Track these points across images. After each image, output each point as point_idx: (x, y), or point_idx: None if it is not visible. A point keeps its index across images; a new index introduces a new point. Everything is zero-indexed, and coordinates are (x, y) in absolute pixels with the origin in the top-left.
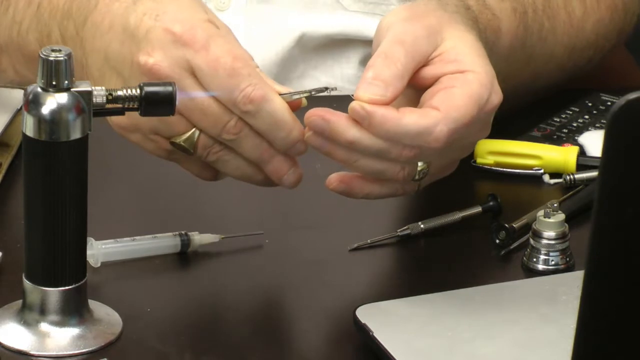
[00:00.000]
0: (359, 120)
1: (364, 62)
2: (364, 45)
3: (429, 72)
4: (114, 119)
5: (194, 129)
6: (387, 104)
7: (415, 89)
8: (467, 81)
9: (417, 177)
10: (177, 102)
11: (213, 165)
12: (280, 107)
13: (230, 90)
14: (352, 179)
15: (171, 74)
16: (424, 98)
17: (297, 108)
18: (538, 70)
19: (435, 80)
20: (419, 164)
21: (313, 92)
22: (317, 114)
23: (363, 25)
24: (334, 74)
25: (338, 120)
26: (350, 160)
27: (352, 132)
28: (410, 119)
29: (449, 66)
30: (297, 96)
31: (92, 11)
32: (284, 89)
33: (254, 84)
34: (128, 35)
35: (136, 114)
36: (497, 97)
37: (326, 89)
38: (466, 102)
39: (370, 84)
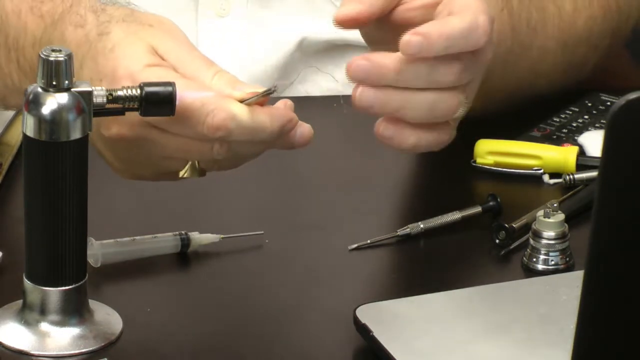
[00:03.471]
0: (415, 47)
1: None
2: (364, 51)
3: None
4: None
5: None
6: (367, 14)
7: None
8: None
9: (461, 109)
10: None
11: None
12: (248, 117)
13: (193, 127)
14: (400, 123)
15: (138, 135)
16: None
17: (266, 101)
18: (535, 66)
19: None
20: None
21: (269, 92)
22: (357, 60)
23: None
24: (335, 79)
25: (379, 55)
26: (404, 103)
27: (396, 58)
28: (453, 21)
29: None
30: (255, 99)
31: None
32: (243, 92)
33: (211, 111)
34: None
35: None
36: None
37: (274, 89)
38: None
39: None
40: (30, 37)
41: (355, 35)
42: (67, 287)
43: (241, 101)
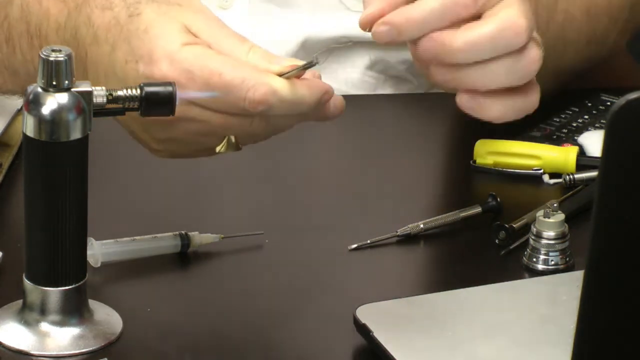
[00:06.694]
0: (385, 37)
1: (370, 66)
2: (369, 48)
3: None
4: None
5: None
6: (390, 8)
7: None
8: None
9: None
10: (177, 104)
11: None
12: (289, 91)
13: (235, 103)
14: (480, 95)
15: (180, 114)
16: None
17: (302, 75)
18: (562, 32)
19: None
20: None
21: (309, 66)
22: (423, 42)
23: None
24: (338, 78)
25: (444, 34)
26: (479, 76)
27: (459, 37)
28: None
29: None
30: (295, 72)
31: (86, 62)
32: (281, 65)
33: (252, 86)
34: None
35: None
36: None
37: (315, 62)
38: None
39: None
40: (53, 23)
41: (359, 31)
42: (67, 287)
43: (280, 75)
